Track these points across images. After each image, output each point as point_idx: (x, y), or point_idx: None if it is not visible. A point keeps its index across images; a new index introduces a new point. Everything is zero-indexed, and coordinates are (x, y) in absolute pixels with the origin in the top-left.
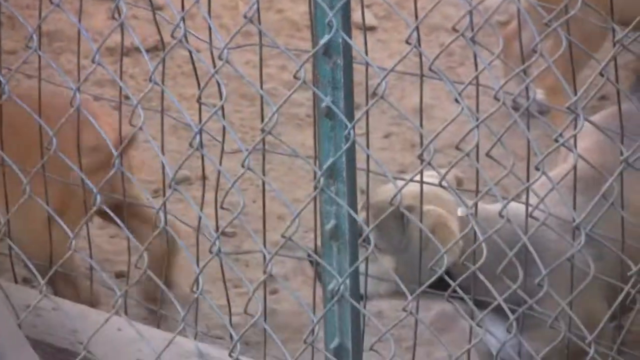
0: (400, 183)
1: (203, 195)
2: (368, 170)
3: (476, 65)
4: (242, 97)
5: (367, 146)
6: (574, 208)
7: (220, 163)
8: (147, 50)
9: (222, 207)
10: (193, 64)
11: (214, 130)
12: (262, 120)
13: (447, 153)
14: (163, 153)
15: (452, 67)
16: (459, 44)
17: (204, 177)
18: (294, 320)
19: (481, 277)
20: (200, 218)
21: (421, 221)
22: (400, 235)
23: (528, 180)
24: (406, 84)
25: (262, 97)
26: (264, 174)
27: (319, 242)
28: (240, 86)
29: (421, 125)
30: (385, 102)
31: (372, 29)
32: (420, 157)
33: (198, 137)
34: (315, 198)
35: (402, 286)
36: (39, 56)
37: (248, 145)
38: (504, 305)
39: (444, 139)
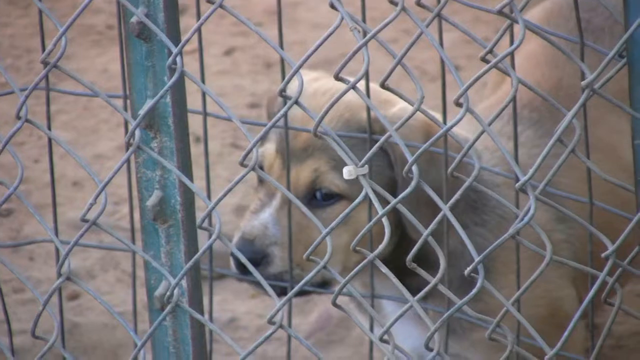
0: None
1: None
2: (205, 114)
3: None
4: (11, 3)
5: (202, 74)
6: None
7: None
8: None
9: None
10: None
11: None
12: (43, 46)
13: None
14: None
15: None
16: None
17: None
18: (106, 337)
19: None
20: None
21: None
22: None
23: (445, 114)
24: None
25: (41, 12)
26: (49, 122)
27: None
28: None
29: (280, 34)
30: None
31: None
32: None
33: None
34: (128, 159)
35: (259, 278)
36: None
37: (24, 79)
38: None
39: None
